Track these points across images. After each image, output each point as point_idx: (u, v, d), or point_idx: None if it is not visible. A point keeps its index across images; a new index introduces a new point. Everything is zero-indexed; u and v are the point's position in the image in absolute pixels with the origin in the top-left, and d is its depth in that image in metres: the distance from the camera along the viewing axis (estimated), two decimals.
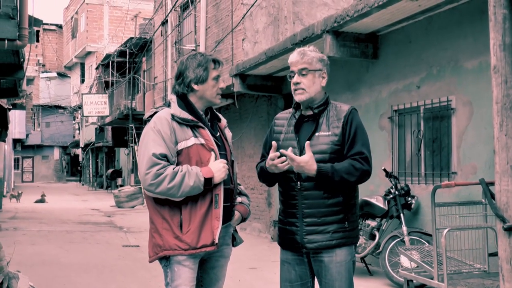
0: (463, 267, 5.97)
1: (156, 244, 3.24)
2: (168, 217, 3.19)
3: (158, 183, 3.08)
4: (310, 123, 3.31)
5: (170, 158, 3.16)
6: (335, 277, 3.22)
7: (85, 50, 37.59)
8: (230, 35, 12.23)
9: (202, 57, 3.33)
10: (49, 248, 10.34)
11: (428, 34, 7.30)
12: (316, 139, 3.23)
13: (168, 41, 17.05)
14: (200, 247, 3.17)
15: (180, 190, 3.09)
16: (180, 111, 3.26)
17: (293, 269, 3.33)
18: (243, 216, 3.50)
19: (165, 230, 3.19)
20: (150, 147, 3.15)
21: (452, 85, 6.92)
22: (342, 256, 3.23)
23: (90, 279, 7.58)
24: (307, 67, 3.27)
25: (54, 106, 46.53)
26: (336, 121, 3.26)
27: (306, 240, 3.22)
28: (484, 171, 6.30)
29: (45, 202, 23.20)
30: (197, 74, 3.29)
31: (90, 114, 28.48)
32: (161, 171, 3.09)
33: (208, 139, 3.27)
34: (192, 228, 3.15)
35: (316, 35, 8.03)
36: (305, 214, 3.22)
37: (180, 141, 3.21)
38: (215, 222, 3.18)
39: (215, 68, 3.33)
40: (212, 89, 3.33)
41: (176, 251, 3.17)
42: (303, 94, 3.28)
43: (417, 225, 7.34)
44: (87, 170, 42.62)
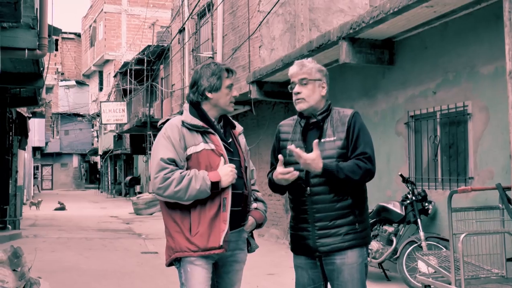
0: (480, 272, 5.95)
1: (169, 247, 3.36)
2: (179, 220, 3.29)
3: (166, 187, 3.18)
4: (315, 131, 3.39)
5: (178, 163, 3.26)
6: (347, 279, 3.28)
7: (103, 58, 37.92)
8: (247, 42, 12.31)
9: (215, 66, 3.42)
10: (69, 255, 10.46)
11: (443, 40, 7.31)
12: (322, 145, 3.30)
13: (185, 48, 17.18)
14: (209, 249, 3.24)
15: (187, 193, 3.19)
16: (191, 118, 3.36)
17: (306, 273, 3.39)
18: (257, 222, 3.54)
19: (177, 233, 3.29)
20: (159, 152, 3.26)
21: (468, 91, 6.93)
22: (354, 258, 3.30)
23: (109, 285, 7.66)
24: (306, 77, 3.37)
25: (73, 114, 46.99)
26: (341, 126, 3.35)
27: (319, 244, 3.29)
28: (501, 176, 6.29)
29: (65, 209, 23.42)
30: (211, 82, 3.38)
31: (109, 121, 28.68)
32: (168, 175, 3.19)
33: (218, 144, 3.34)
34: (200, 231, 3.24)
35: (332, 41, 8.07)
36: (315, 218, 3.30)
37: (190, 146, 3.30)
38: (222, 225, 3.25)
39: (228, 76, 3.42)
40: (225, 97, 3.42)
41: (186, 252, 3.26)
42: (303, 103, 3.38)
43: (434, 230, 7.34)
44: (105, 178, 42.93)
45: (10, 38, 8.62)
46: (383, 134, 8.42)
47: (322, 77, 3.41)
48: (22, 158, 21.12)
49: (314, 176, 3.28)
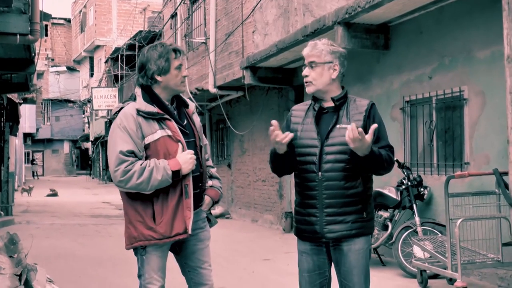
0: (476, 257, 5.99)
1: (130, 236, 3.37)
2: (141, 210, 3.32)
3: (127, 180, 3.20)
4: (330, 115, 3.33)
5: (137, 154, 3.26)
6: (353, 264, 3.28)
7: (93, 44, 37.68)
8: (240, 28, 12.23)
9: (162, 48, 3.37)
10: (63, 241, 10.43)
11: (439, 24, 7.28)
12: (337, 131, 3.26)
13: (177, 34, 17.06)
14: (174, 235, 3.30)
15: (149, 184, 3.21)
16: (145, 105, 3.33)
17: (311, 259, 3.37)
18: (213, 199, 3.60)
19: (139, 223, 3.32)
20: (117, 145, 3.24)
21: (464, 75, 6.92)
22: (360, 245, 3.29)
23: (105, 272, 7.64)
24: (315, 60, 3.31)
25: (64, 100, 46.74)
26: (357, 114, 3.29)
27: (326, 230, 3.26)
28: (497, 161, 6.30)
29: (57, 195, 23.35)
30: (159, 65, 3.34)
31: (100, 107, 28.52)
32: (129, 168, 3.20)
33: (175, 130, 3.34)
34: (164, 220, 3.28)
35: (327, 26, 8.03)
36: (325, 204, 3.26)
37: (147, 135, 3.29)
38: (186, 213, 3.31)
39: (176, 57, 3.38)
40: (175, 79, 3.39)
41: (151, 241, 3.31)
42: (311, 86, 3.33)
43: (430, 215, 7.36)
44: (97, 164, 42.80)
45: (2, 23, 8.50)
46: None
47: (334, 59, 3.32)
48: (13, 144, 20.99)
49: (326, 162, 3.24)
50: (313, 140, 3.30)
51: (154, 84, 3.39)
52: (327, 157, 3.25)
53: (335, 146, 3.24)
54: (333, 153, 3.24)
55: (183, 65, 3.45)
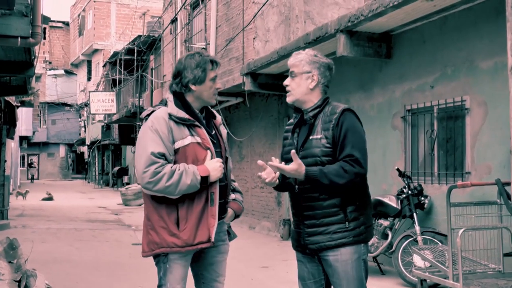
0: (477, 267, 5.96)
1: (152, 241, 3.31)
2: (165, 215, 3.27)
3: (156, 181, 3.16)
4: (307, 126, 3.33)
5: (168, 157, 3.24)
6: (342, 276, 3.22)
7: (92, 47, 37.64)
8: (241, 34, 12.24)
9: (200, 57, 3.36)
10: (59, 246, 10.37)
11: (442, 34, 7.29)
12: (309, 142, 3.27)
13: (177, 39, 17.06)
14: (197, 244, 3.26)
15: (177, 188, 3.17)
16: (177, 110, 3.32)
17: (305, 267, 3.40)
18: (236, 212, 3.59)
19: (162, 228, 3.27)
20: (149, 146, 3.22)
21: (466, 85, 6.92)
22: (347, 255, 3.21)
23: (103, 277, 7.60)
24: (294, 70, 3.33)
25: (61, 104, 46.66)
26: (328, 123, 3.23)
27: (308, 242, 3.28)
28: (499, 171, 6.29)
29: (52, 199, 23.26)
30: (195, 75, 3.33)
31: (97, 111, 28.50)
32: (159, 170, 3.16)
33: (205, 137, 3.34)
34: (188, 226, 3.24)
35: (330, 34, 8.03)
36: (305, 216, 3.29)
37: (177, 140, 3.28)
38: (211, 220, 3.27)
39: (212, 69, 3.38)
40: (209, 90, 3.39)
41: (173, 248, 3.25)
42: (290, 96, 3.35)
43: (430, 224, 7.34)
44: (93, 168, 42.70)
45: (3, 26, 8.47)
46: (379, 128, 8.40)
47: (313, 69, 3.28)
48: (9, 147, 20.92)
49: None
50: (290, 152, 3.26)
51: (187, 92, 3.39)
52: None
53: (308, 158, 3.21)
54: (307, 164, 3.17)
55: (217, 77, 3.46)
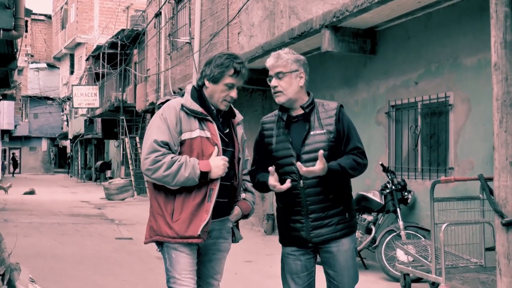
0: (459, 261, 6.04)
1: (151, 228, 3.35)
2: (163, 203, 3.28)
3: (155, 169, 3.16)
4: (301, 123, 3.39)
5: (172, 147, 3.23)
6: (343, 265, 3.37)
7: (74, 41, 37.33)
8: (225, 29, 12.22)
9: (227, 60, 3.32)
10: (42, 240, 10.30)
11: (427, 31, 7.34)
12: (311, 138, 3.33)
13: (161, 33, 16.99)
14: (187, 237, 3.23)
15: (175, 179, 3.16)
16: (191, 102, 3.31)
17: (299, 259, 3.41)
18: (243, 212, 3.50)
19: (159, 216, 3.29)
20: (154, 134, 3.22)
21: (450, 82, 6.97)
22: (347, 245, 3.38)
23: (86, 271, 7.57)
24: (282, 70, 3.35)
25: (43, 97, 46.25)
26: (327, 118, 3.37)
27: (313, 235, 3.34)
28: (482, 167, 6.36)
29: (34, 194, 23.08)
30: (212, 72, 3.32)
31: (80, 105, 28.33)
32: (159, 158, 3.16)
33: (214, 133, 3.30)
34: (182, 218, 3.22)
35: (315, 29, 8.04)
36: (309, 210, 3.33)
37: (185, 131, 3.26)
38: (203, 215, 3.22)
39: (232, 76, 3.31)
40: (220, 93, 3.34)
41: (165, 238, 3.26)
42: (281, 96, 3.36)
43: (413, 219, 7.40)
44: (75, 162, 42.44)
45: None
46: (363, 123, 8.44)
47: (299, 67, 3.38)
48: None
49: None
50: (288, 151, 3.35)
51: (204, 87, 3.38)
52: (307, 165, 3.27)
53: (311, 153, 3.29)
54: (310, 160, 3.28)
55: (236, 86, 3.36)
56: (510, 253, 5.38)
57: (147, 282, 6.99)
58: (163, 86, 16.87)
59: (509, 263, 5.40)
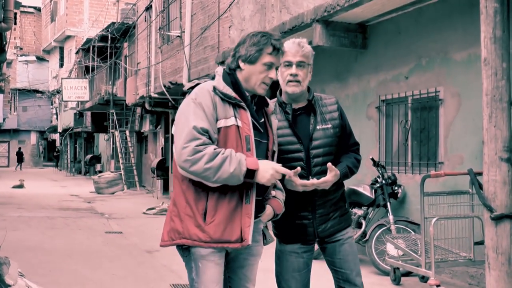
0: (449, 255, 6.07)
1: (174, 229, 2.95)
2: (193, 202, 2.90)
3: (195, 161, 2.76)
4: (303, 117, 3.33)
5: (212, 135, 2.84)
6: (348, 251, 3.40)
7: (64, 34, 37.10)
8: (216, 22, 12.19)
9: (264, 38, 2.98)
10: (32, 234, 10.27)
11: (418, 26, 7.35)
12: (318, 133, 3.30)
13: (152, 26, 16.92)
14: (223, 242, 2.87)
15: (217, 174, 2.76)
16: (223, 85, 2.95)
17: (301, 257, 3.38)
18: (275, 211, 3.15)
19: (188, 217, 2.90)
20: (191, 120, 2.82)
21: (440, 76, 6.99)
22: (349, 233, 3.46)
23: (76, 265, 7.55)
24: (305, 61, 3.28)
25: (32, 90, 45.97)
26: (330, 113, 3.37)
27: (320, 229, 3.35)
28: (471, 161, 6.39)
29: (23, 187, 22.97)
30: (248, 52, 2.98)
31: (70, 99, 28.18)
32: (200, 148, 2.77)
33: (246, 122, 2.94)
34: (216, 220, 2.86)
35: (306, 24, 8.04)
36: (317, 206, 3.33)
37: (220, 118, 2.89)
38: (245, 220, 2.88)
39: (272, 53, 2.98)
40: (258, 75, 2.98)
41: (195, 241, 2.88)
42: (298, 87, 3.27)
43: (403, 214, 7.44)
44: (65, 156, 42.26)
45: None
46: (353, 117, 8.43)
47: (312, 62, 3.36)
48: None
49: (315, 165, 3.28)
50: (295, 145, 3.26)
51: (237, 70, 3.02)
52: (316, 160, 3.27)
53: (321, 148, 3.28)
54: (320, 155, 3.28)
55: (276, 66, 3.03)
56: (498, 247, 5.42)
57: (137, 274, 6.99)
58: (154, 80, 16.82)
59: (497, 257, 5.43)
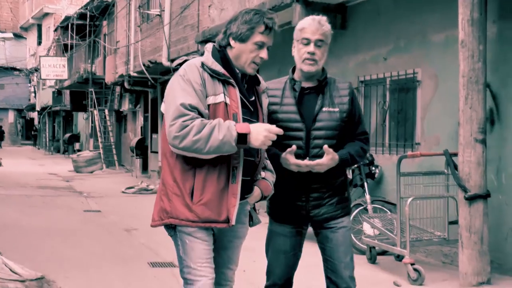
0: (424, 234, 6.17)
1: (163, 209, 2.90)
2: (180, 181, 2.85)
3: (183, 136, 2.70)
4: (312, 97, 3.23)
5: (202, 111, 2.78)
6: (340, 241, 3.27)
7: (42, 11, 36.61)
8: (196, 1, 12.11)
9: (257, 16, 2.89)
10: (9, 212, 10.20)
11: (397, 7, 7.38)
12: (323, 114, 3.20)
13: (131, 5, 16.76)
14: (211, 221, 2.82)
15: (207, 144, 2.70)
16: (212, 61, 2.87)
17: (289, 240, 3.32)
18: (263, 193, 3.07)
19: (175, 196, 2.86)
20: (178, 97, 2.77)
21: (418, 58, 7.05)
22: (345, 223, 3.30)
23: (54, 243, 7.54)
24: (324, 40, 3.20)
25: (9, 68, 45.32)
26: (340, 97, 3.24)
27: (313, 214, 3.24)
28: (447, 142, 6.46)
29: (0, 165, 22.76)
30: (239, 29, 2.89)
31: (48, 77, 27.89)
32: (187, 123, 2.71)
33: (235, 100, 2.87)
34: (204, 199, 2.81)
35: (286, 4, 8.02)
36: (312, 189, 3.22)
37: (210, 95, 2.83)
38: (231, 199, 2.82)
39: (263, 33, 2.89)
40: (248, 54, 2.90)
41: (182, 221, 2.84)
42: (314, 66, 3.19)
43: (380, 194, 7.52)
44: (43, 134, 41.90)
45: None
46: None
47: (329, 42, 3.27)
48: None
49: (314, 147, 3.18)
50: (296, 123, 3.18)
51: (228, 48, 2.94)
52: (315, 142, 3.17)
53: (323, 131, 3.18)
54: (321, 137, 3.17)
55: (266, 45, 2.93)
56: (471, 226, 5.54)
57: (115, 253, 7.01)
58: (133, 59, 16.70)
59: (470, 236, 5.55)
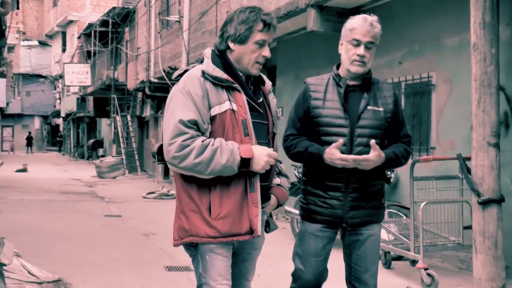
0: (438, 239, 6.14)
1: (181, 227, 2.78)
2: (196, 197, 2.72)
3: (183, 157, 2.59)
4: (357, 95, 3.18)
5: (201, 126, 2.65)
6: (369, 249, 3.23)
7: (66, 18, 37.10)
8: (214, 7, 12.20)
9: (253, 13, 2.74)
10: (32, 217, 10.38)
11: (411, 11, 7.38)
12: (368, 113, 3.15)
13: (151, 11, 16.94)
14: (233, 235, 2.71)
15: (209, 167, 2.60)
16: (213, 68, 2.73)
17: (321, 242, 3.25)
18: (279, 201, 2.97)
19: (193, 213, 2.73)
20: (177, 112, 2.64)
21: (433, 62, 7.04)
22: (376, 231, 3.25)
23: (73, 247, 7.65)
24: (374, 42, 3.15)
25: (35, 75, 46.07)
26: (385, 97, 3.21)
27: (349, 215, 3.16)
28: (462, 146, 6.44)
29: (26, 171, 23.11)
30: (237, 31, 2.74)
31: (72, 83, 28.25)
32: (187, 143, 2.59)
33: (242, 106, 2.73)
34: (222, 213, 2.69)
35: (301, 9, 8.08)
36: (351, 188, 3.14)
37: (214, 105, 2.68)
38: (252, 209, 2.71)
39: (262, 30, 2.75)
40: (250, 55, 2.76)
41: (203, 238, 2.71)
42: (362, 67, 3.15)
43: (396, 198, 7.50)
44: (68, 140, 42.43)
45: None
46: None
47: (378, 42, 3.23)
48: None
49: (358, 145, 3.11)
50: (340, 120, 3.12)
51: (227, 51, 2.80)
52: (359, 140, 3.11)
53: (367, 129, 3.13)
54: (365, 135, 3.11)
55: (267, 43, 2.81)
56: (485, 231, 5.50)
57: (132, 257, 7.09)
58: (153, 65, 16.87)
59: (484, 241, 5.51)
